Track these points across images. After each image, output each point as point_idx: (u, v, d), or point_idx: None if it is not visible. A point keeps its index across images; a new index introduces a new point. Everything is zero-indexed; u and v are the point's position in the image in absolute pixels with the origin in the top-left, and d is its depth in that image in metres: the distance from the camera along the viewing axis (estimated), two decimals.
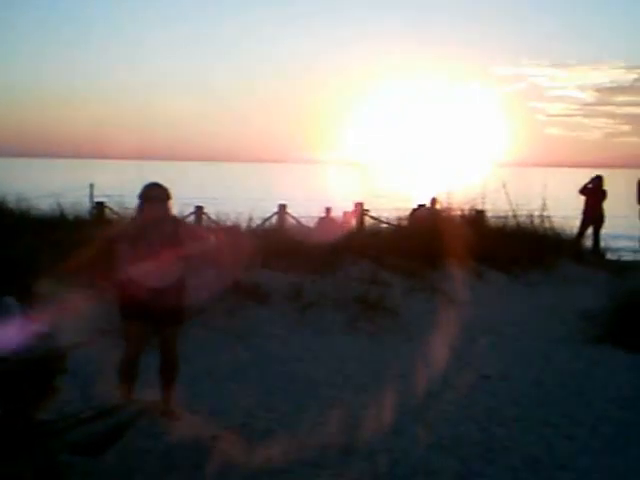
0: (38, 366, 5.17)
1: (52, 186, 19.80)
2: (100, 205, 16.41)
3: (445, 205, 16.21)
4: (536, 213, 15.42)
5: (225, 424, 6.36)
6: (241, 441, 6.03)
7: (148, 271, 6.25)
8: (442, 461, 5.84)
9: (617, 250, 17.06)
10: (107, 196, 15.85)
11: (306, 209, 20.13)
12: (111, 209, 15.28)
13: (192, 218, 16.46)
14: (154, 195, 6.40)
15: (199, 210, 17.27)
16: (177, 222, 6.70)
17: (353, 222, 18.40)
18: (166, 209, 6.44)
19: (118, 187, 14.89)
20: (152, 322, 6.45)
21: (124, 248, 6.35)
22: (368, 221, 18.40)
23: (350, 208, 19.70)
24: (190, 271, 6.66)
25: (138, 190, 6.44)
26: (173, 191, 6.60)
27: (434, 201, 17.72)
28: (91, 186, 19.32)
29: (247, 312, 9.58)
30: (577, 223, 16.91)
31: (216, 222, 14.81)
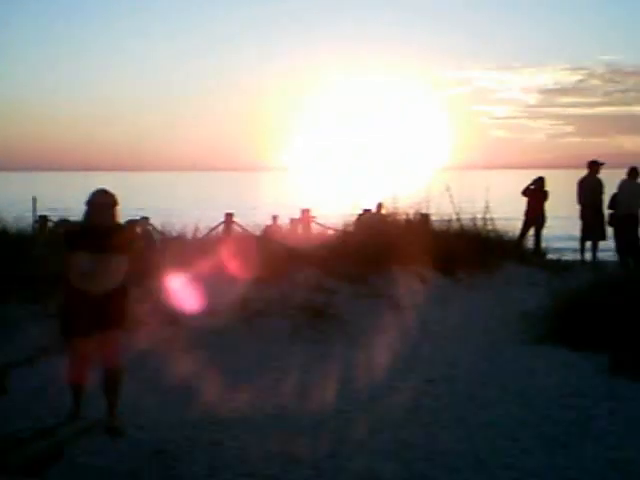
0: None
1: None
2: (43, 219, 16.20)
3: (390, 210, 16.30)
4: (479, 216, 15.60)
5: (170, 438, 6.33)
6: (185, 454, 6.02)
7: (90, 275, 6.26)
8: (387, 466, 5.88)
9: (558, 250, 17.32)
10: (51, 209, 15.65)
11: (253, 217, 20.14)
12: (54, 222, 15.11)
13: (138, 230, 16.34)
14: (100, 201, 6.44)
15: (145, 221, 17.17)
16: (122, 229, 6.74)
17: (300, 229, 18.45)
18: (112, 215, 6.46)
19: (62, 200, 14.71)
20: (92, 331, 6.34)
21: (69, 253, 6.39)
22: (315, 228, 18.45)
23: (297, 215, 19.76)
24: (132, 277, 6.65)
25: (83, 202, 6.46)
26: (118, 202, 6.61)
27: (380, 206, 17.82)
28: (34, 199, 19.04)
29: (192, 322, 9.54)
30: (520, 224, 17.12)
31: (162, 233, 14.74)
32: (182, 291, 9.88)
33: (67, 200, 14.87)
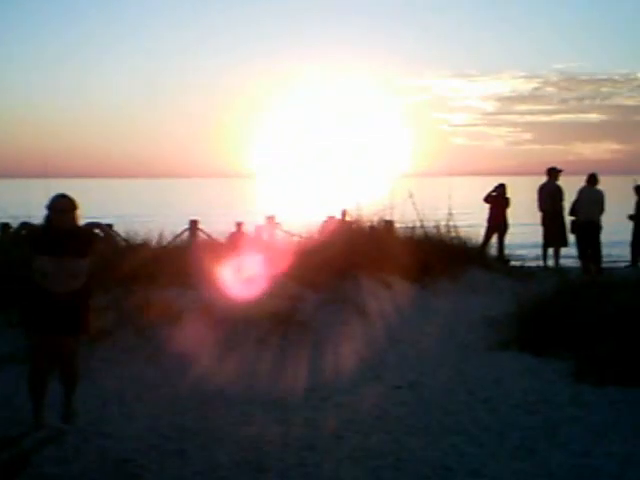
0: None
1: None
2: (5, 226, 15.97)
3: (354, 216, 16.33)
4: (443, 222, 15.70)
5: (136, 446, 6.29)
6: (152, 463, 5.98)
7: (52, 277, 6.51)
8: (354, 473, 5.90)
9: (521, 257, 17.49)
10: (13, 217, 15.41)
11: (218, 224, 20.04)
12: (16, 226, 14.88)
13: (98, 232, 16.13)
14: (60, 206, 6.68)
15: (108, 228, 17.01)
16: (82, 232, 6.88)
17: (265, 236, 18.38)
18: (72, 219, 6.72)
19: (24, 206, 14.52)
20: (54, 331, 6.59)
21: (31, 255, 6.64)
22: (279, 235, 18.39)
23: (262, 222, 19.69)
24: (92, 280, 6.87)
25: (43, 209, 6.62)
26: (80, 208, 6.84)
27: (344, 213, 17.84)
28: None
29: (157, 331, 9.47)
30: (483, 231, 17.27)
31: (125, 240, 14.61)
32: (148, 299, 9.81)
33: (29, 207, 14.64)
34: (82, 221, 7.04)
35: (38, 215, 13.95)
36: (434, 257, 13.99)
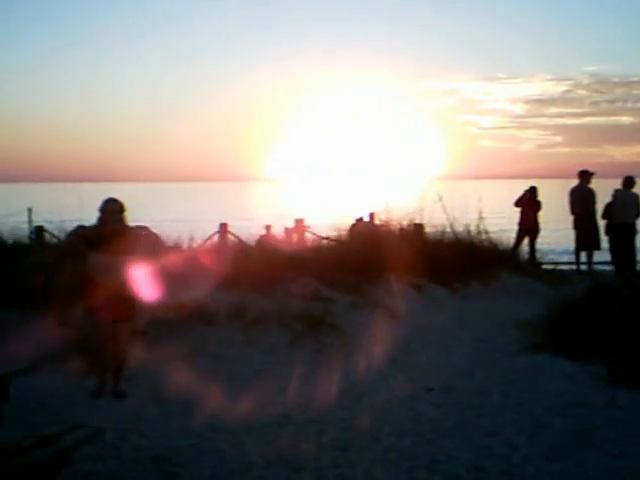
0: None
1: None
2: (39, 229, 16.15)
3: (384, 219, 16.35)
4: (473, 225, 15.67)
5: (172, 445, 6.35)
6: (188, 462, 6.04)
7: (103, 271, 7.44)
8: (388, 474, 5.91)
9: (553, 260, 17.40)
10: (49, 222, 15.59)
11: (247, 227, 20.14)
12: (51, 233, 15.08)
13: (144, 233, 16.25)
14: (111, 208, 7.66)
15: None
16: (131, 231, 7.80)
17: (294, 238, 18.45)
18: (121, 220, 7.72)
19: (57, 211, 14.68)
20: (111, 316, 7.59)
21: (87, 252, 7.58)
22: (309, 237, 18.44)
23: (290, 225, 19.77)
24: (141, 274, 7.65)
25: (78, 212, 7.02)
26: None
27: (372, 216, 17.87)
28: (29, 210, 19.00)
29: (191, 332, 9.56)
30: (513, 234, 17.20)
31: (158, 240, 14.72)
32: (182, 300, 9.90)
33: (61, 211, 14.80)
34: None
35: (71, 219, 14.15)
36: (464, 260, 13.99)
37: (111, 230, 7.57)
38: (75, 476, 5.55)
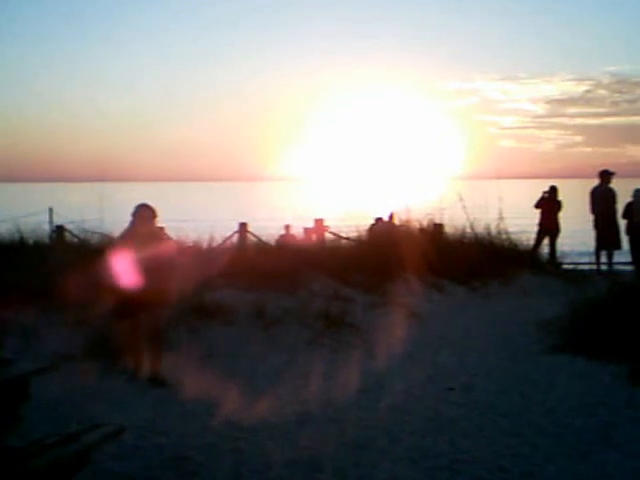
0: (1, 393, 5.13)
1: (10, 210, 19.59)
2: (60, 229, 16.26)
3: (403, 219, 16.33)
4: (493, 225, 15.62)
5: (192, 444, 6.36)
6: (208, 461, 6.04)
7: (140, 273, 7.70)
8: (410, 474, 5.89)
9: (573, 260, 17.30)
10: (71, 222, 15.68)
11: (265, 227, 20.15)
12: (71, 232, 15.16)
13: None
14: (143, 214, 8.11)
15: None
16: (161, 236, 8.49)
17: (314, 238, 18.44)
18: (152, 225, 8.18)
19: (78, 210, 14.77)
20: (141, 309, 7.96)
21: (120, 255, 7.88)
22: (328, 237, 18.44)
23: (309, 224, 19.77)
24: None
25: (99, 212, 7.13)
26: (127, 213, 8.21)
27: (392, 215, 17.84)
28: (50, 210, 19.14)
29: (211, 331, 9.57)
30: (533, 234, 17.12)
31: (176, 242, 14.77)
32: (200, 300, 9.92)
33: (82, 211, 14.89)
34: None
35: (92, 219, 14.17)
36: (484, 260, 13.95)
37: (143, 235, 8.00)
38: (95, 474, 5.55)
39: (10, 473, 4.89)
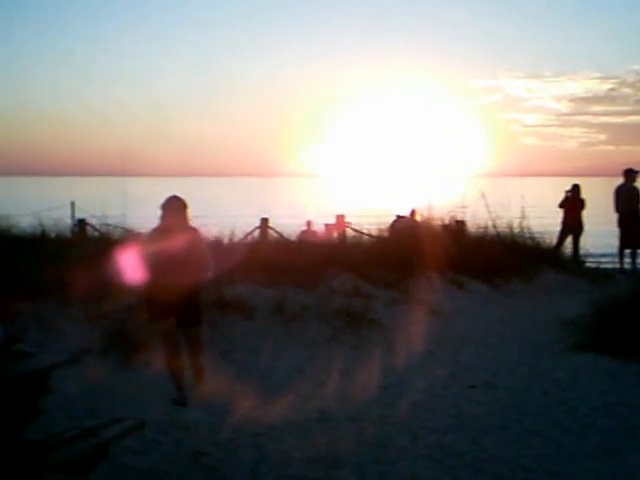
0: (22, 387, 5.13)
1: (32, 204, 19.69)
2: (82, 222, 16.29)
3: (425, 216, 16.25)
4: (515, 223, 15.52)
5: (212, 439, 6.33)
6: (228, 456, 6.00)
7: (170, 271, 7.14)
8: (431, 472, 5.83)
9: (596, 258, 17.16)
10: (92, 216, 15.70)
11: (287, 223, 20.12)
12: (93, 226, 15.18)
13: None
14: (173, 205, 7.43)
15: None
16: (192, 230, 7.56)
17: (335, 235, 18.37)
18: (184, 217, 7.46)
19: (100, 204, 14.79)
20: (177, 320, 7.40)
21: (149, 252, 7.30)
22: (349, 233, 18.37)
23: (331, 221, 19.70)
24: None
25: (122, 207, 6.91)
26: (153, 206, 7.60)
27: (413, 212, 17.74)
28: (72, 204, 19.19)
29: (231, 327, 9.54)
30: (556, 232, 17.00)
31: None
32: (222, 295, 9.89)
33: (104, 205, 14.90)
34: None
35: (114, 214, 14.16)
36: (507, 258, 13.85)
37: (173, 227, 7.38)
38: (114, 468, 5.54)
39: (30, 466, 4.88)
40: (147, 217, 8.84)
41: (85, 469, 5.28)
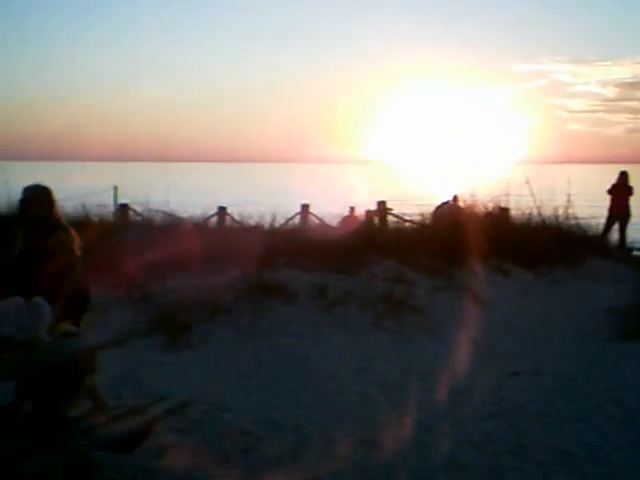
0: (68, 365, 5.21)
1: (77, 189, 19.90)
2: (124, 207, 16.47)
3: (468, 202, 16.15)
4: (561, 210, 15.36)
5: (254, 420, 6.37)
6: (269, 437, 6.04)
7: None
8: (473, 456, 5.80)
9: None
10: (135, 202, 15.86)
11: (327, 208, 20.13)
12: (135, 211, 15.33)
13: (215, 219, 16.45)
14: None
15: (222, 211, 17.23)
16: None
17: (376, 220, 18.35)
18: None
19: (142, 189, 14.94)
20: None
21: None
22: (391, 219, 18.33)
23: (373, 207, 19.68)
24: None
25: (161, 192, 6.85)
26: (196, 192, 7.01)
27: (456, 198, 17.63)
28: (115, 188, 19.41)
29: (273, 311, 9.58)
30: (602, 219, 16.80)
31: (240, 222, 14.84)
32: (264, 279, 9.94)
33: (147, 190, 15.04)
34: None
35: (156, 199, 14.25)
36: (551, 245, 13.71)
37: None
38: (159, 447, 5.60)
39: (76, 443, 4.96)
40: (189, 203, 8.88)
41: (129, 446, 5.37)
